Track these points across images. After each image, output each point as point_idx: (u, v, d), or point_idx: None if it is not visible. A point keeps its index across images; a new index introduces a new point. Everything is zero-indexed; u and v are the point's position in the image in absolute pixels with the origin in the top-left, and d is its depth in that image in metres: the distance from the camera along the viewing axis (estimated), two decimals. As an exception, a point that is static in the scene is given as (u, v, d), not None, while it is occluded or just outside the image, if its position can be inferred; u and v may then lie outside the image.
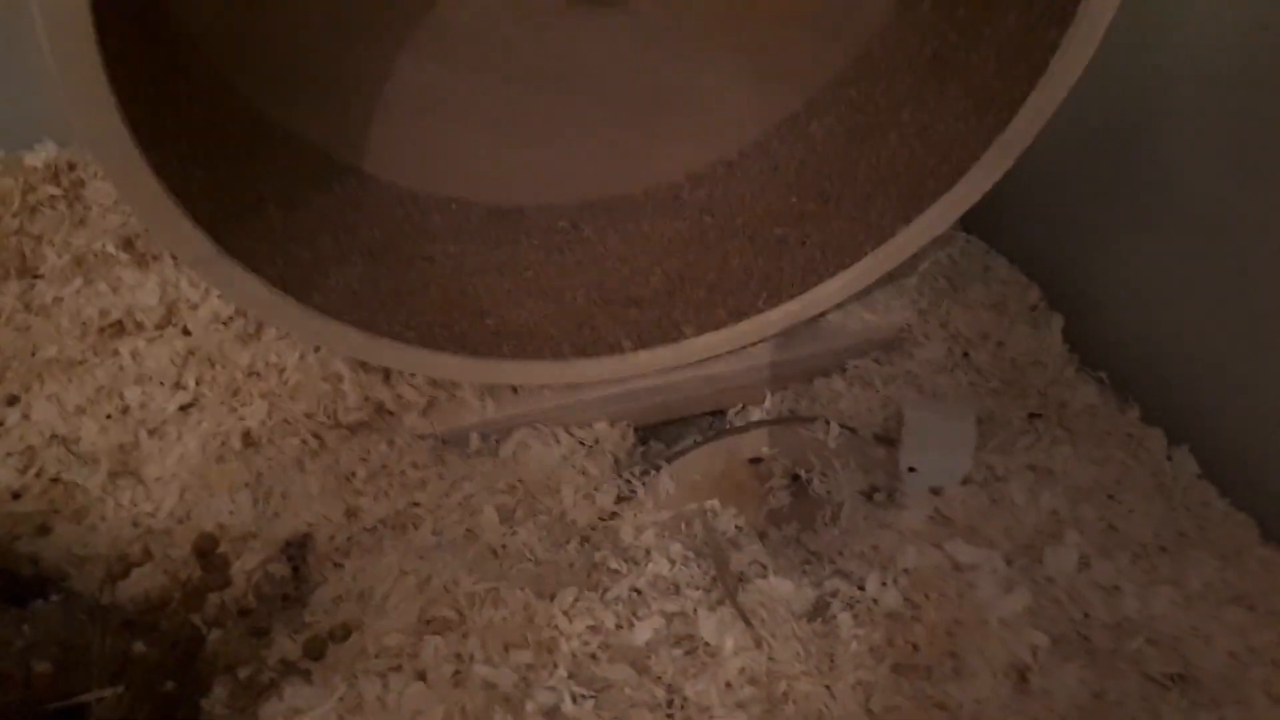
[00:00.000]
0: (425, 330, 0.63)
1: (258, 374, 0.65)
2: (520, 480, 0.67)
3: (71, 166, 0.72)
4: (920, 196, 0.65)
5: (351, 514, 0.63)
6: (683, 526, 0.65)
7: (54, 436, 0.62)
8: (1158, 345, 0.68)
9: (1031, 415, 0.69)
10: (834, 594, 0.56)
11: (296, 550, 0.59)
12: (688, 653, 0.52)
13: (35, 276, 0.69)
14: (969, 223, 0.83)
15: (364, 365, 0.67)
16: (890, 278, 0.76)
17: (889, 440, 0.69)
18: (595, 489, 0.67)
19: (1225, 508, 0.61)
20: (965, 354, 0.73)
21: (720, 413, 0.77)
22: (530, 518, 0.65)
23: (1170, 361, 0.67)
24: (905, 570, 0.56)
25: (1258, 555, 0.58)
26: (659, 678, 0.51)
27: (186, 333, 0.67)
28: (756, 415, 0.74)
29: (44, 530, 0.58)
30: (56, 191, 0.70)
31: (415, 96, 0.67)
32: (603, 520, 0.66)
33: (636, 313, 0.69)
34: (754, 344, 0.72)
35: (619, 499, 0.67)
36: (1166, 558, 0.58)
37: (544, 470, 0.68)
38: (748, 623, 0.52)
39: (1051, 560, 0.57)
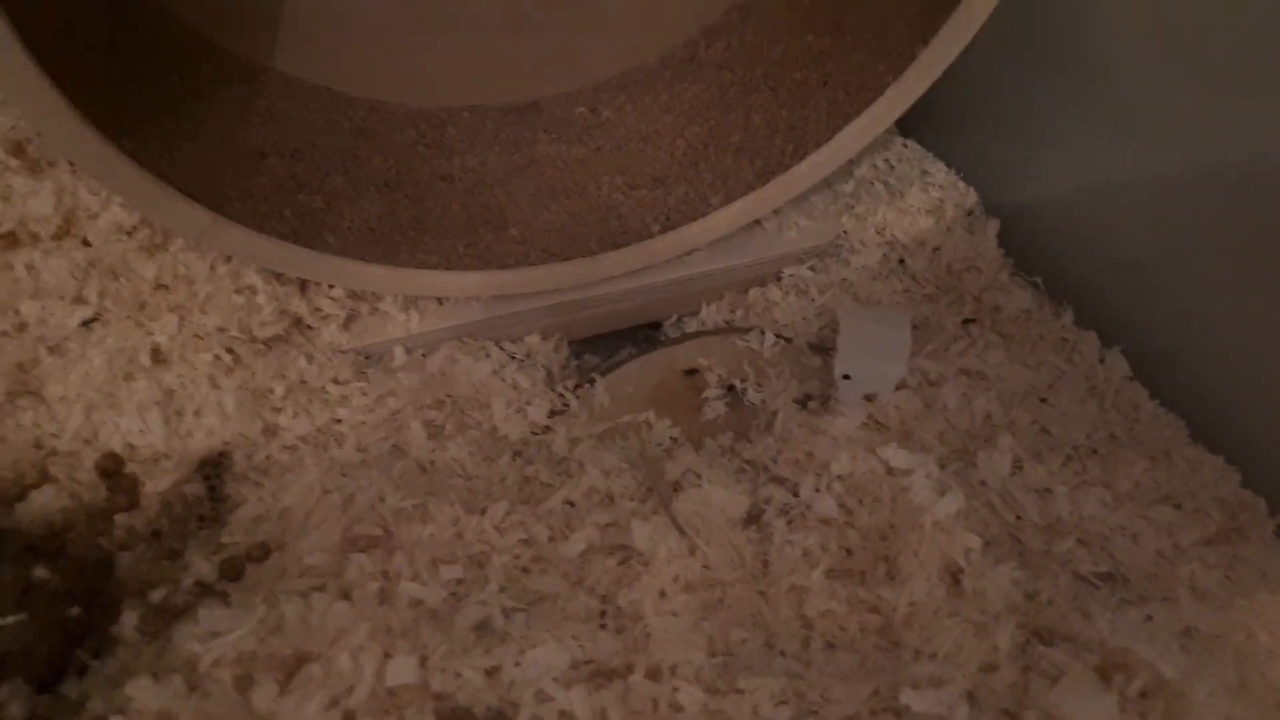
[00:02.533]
0: (450, 253, 0.62)
1: (165, 287, 0.62)
2: (449, 395, 0.65)
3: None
4: (935, 11, 0.62)
5: (270, 432, 0.60)
6: (617, 439, 0.64)
7: (-55, 356, 0.58)
8: (1092, 249, 0.67)
9: (966, 320, 0.68)
10: (768, 501, 0.56)
11: (212, 470, 0.56)
12: (621, 563, 0.51)
13: (-84, 185, 0.63)
14: (907, 127, 0.81)
15: (279, 276, 0.63)
16: (826, 183, 0.75)
17: (824, 349, 0.68)
18: (527, 403, 0.65)
19: (1155, 409, 0.62)
20: (901, 260, 0.72)
21: (656, 325, 0.75)
22: (460, 433, 0.63)
23: (1103, 265, 0.66)
24: (839, 476, 0.56)
25: (1186, 455, 0.58)
26: (592, 588, 0.50)
27: (86, 244, 0.62)
28: (693, 326, 0.73)
29: (-66, 455, 0.55)
30: (-66, 93, 0.65)
31: (408, 13, 0.64)
32: (535, 434, 0.64)
33: (663, 191, 0.67)
34: (780, 206, 0.70)
35: (552, 413, 0.66)
36: (1097, 459, 0.58)
37: (473, 384, 0.66)
38: (681, 530, 0.51)
39: (984, 464, 0.57)
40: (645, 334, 0.76)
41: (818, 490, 0.55)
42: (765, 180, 0.69)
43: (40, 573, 0.44)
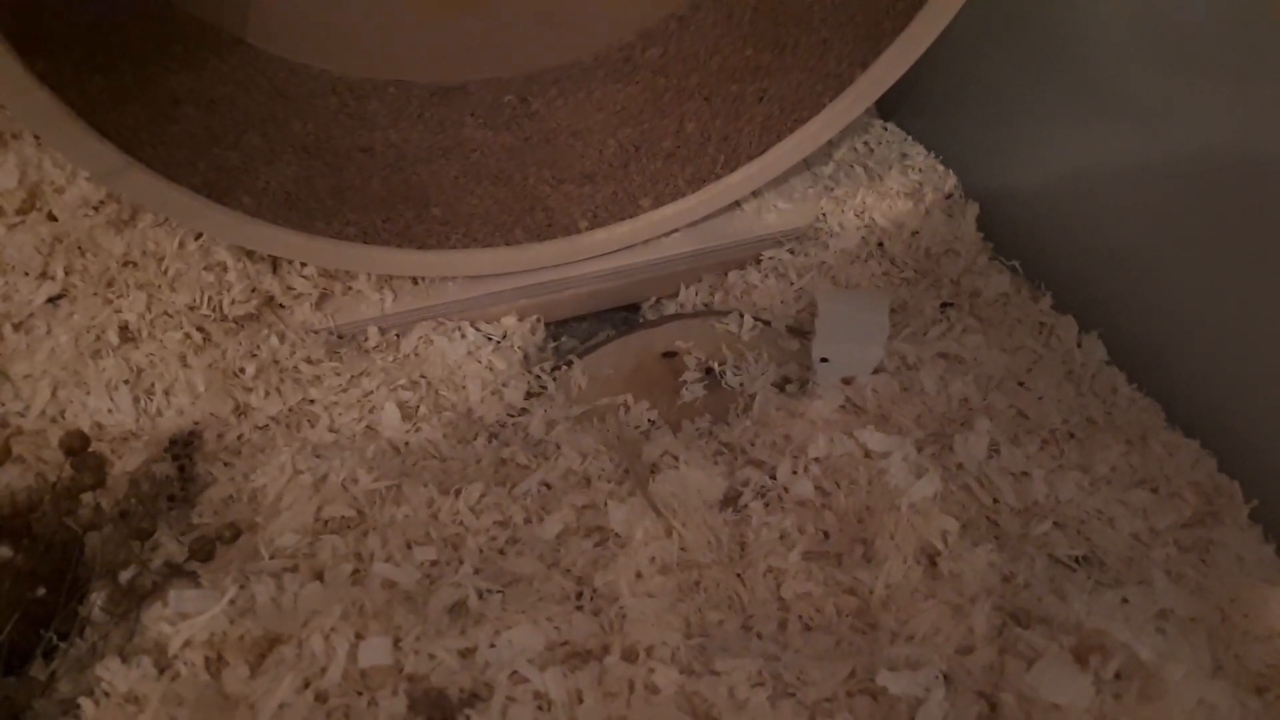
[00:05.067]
0: (368, 226, 0.60)
1: (133, 263, 0.60)
2: (423, 376, 0.64)
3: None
4: (877, 38, 0.62)
5: (241, 412, 0.59)
6: (595, 421, 0.63)
7: (-94, 332, 0.57)
8: (1071, 234, 0.67)
9: (944, 304, 0.68)
10: (745, 483, 0.55)
11: (182, 449, 0.55)
12: (597, 544, 0.51)
13: (-127, 158, 0.62)
14: (886, 109, 0.81)
15: (250, 254, 0.62)
16: (806, 165, 0.75)
17: (803, 332, 0.68)
18: (503, 385, 0.65)
19: (1132, 393, 0.62)
20: (880, 243, 0.72)
21: (634, 307, 0.75)
22: (434, 414, 0.62)
23: (1082, 250, 0.66)
24: (816, 459, 0.55)
25: (1162, 439, 0.59)
26: (568, 570, 0.49)
27: (52, 218, 0.61)
28: (671, 309, 0.72)
29: (-104, 432, 0.54)
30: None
31: None
32: (512, 416, 0.64)
33: (591, 188, 0.66)
34: (710, 214, 0.70)
35: (529, 395, 0.65)
36: (1074, 443, 0.58)
37: (448, 366, 0.65)
38: (658, 512, 0.51)
39: (961, 447, 0.57)
40: (623, 316, 0.75)
41: (795, 473, 0.55)
42: (696, 188, 0.69)
43: (3, 551, 0.43)
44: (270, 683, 0.42)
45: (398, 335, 0.66)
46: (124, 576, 0.45)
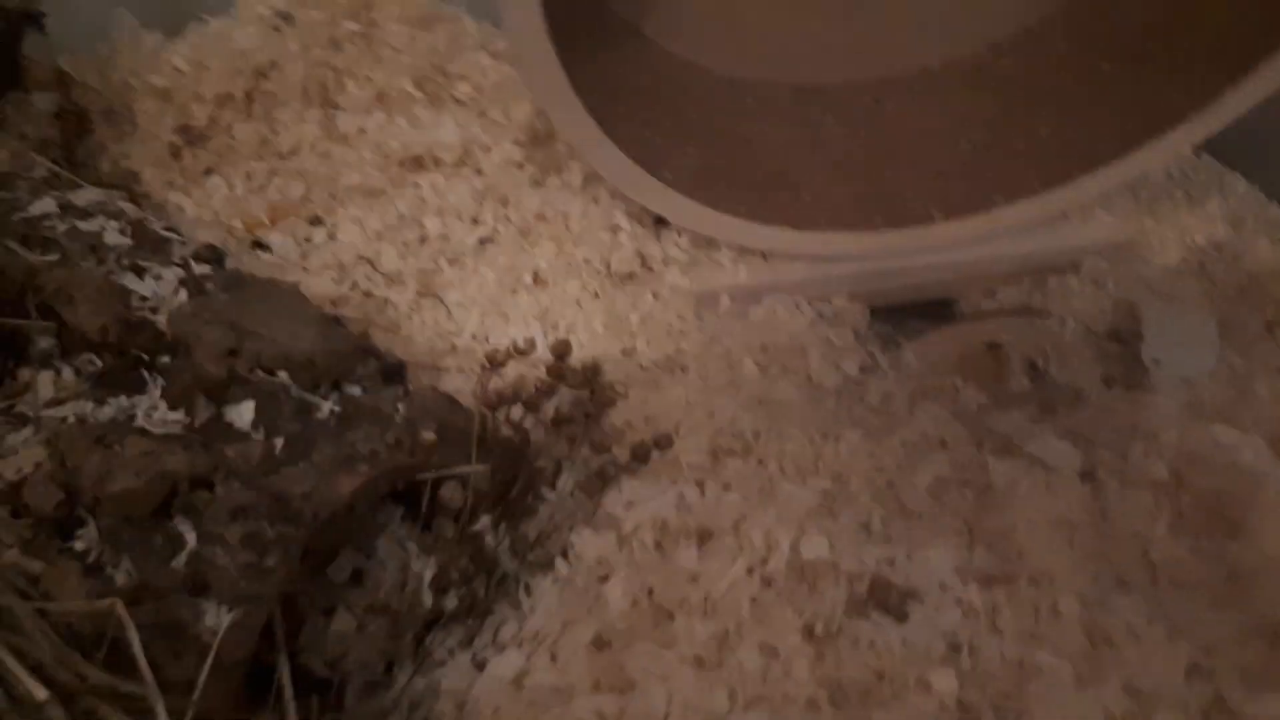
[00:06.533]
0: (754, 205, 0.68)
1: (545, 218, 0.70)
2: (770, 342, 0.71)
3: (369, 5, 0.76)
4: (1248, 55, 0.63)
5: (628, 353, 0.67)
6: (930, 397, 0.69)
7: (360, 257, 0.67)
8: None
9: (1270, 324, 0.71)
10: (1098, 463, 0.60)
11: (591, 376, 0.63)
12: (977, 495, 0.56)
13: (336, 108, 0.73)
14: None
15: (640, 220, 0.71)
16: (1126, 185, 0.79)
17: (1121, 339, 0.72)
18: (840, 357, 0.71)
19: None
20: (1200, 263, 0.75)
21: (945, 303, 0.80)
22: (784, 375, 0.69)
23: None
24: (1169, 445, 0.59)
25: None
26: (955, 512, 0.55)
27: (480, 173, 0.71)
28: (989, 306, 0.77)
29: (364, 338, 0.63)
30: (356, 28, 0.74)
31: None
32: (848, 387, 0.70)
33: (943, 184, 0.72)
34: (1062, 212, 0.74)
35: (862, 369, 0.71)
36: None
37: (790, 334, 0.72)
38: (1045, 467, 0.56)
39: (1306, 451, 0.60)
40: (934, 310, 0.81)
41: (1147, 456, 0.59)
42: (1049, 187, 0.73)
43: (505, 430, 0.51)
44: (720, 564, 0.49)
45: (744, 305, 0.74)
46: (596, 462, 0.53)
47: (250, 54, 0.72)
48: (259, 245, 0.67)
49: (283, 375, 0.50)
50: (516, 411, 0.55)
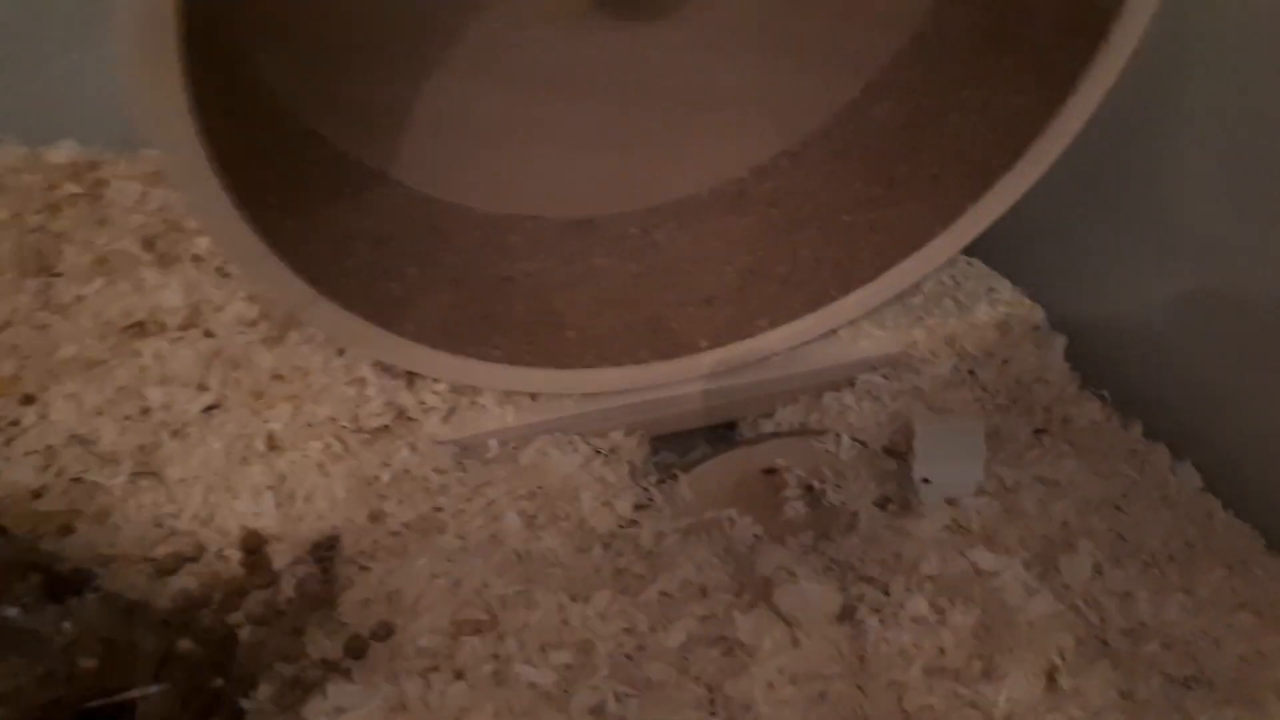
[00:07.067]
0: (512, 349, 0.66)
1: (282, 377, 0.65)
2: (540, 487, 0.68)
3: (93, 165, 0.72)
4: (987, 174, 0.66)
5: (376, 518, 0.63)
6: (703, 534, 0.66)
7: (73, 437, 0.62)
8: (1158, 365, 0.70)
9: (1037, 431, 0.71)
10: (860, 599, 0.57)
11: (325, 552, 0.59)
12: (724, 653, 0.53)
13: (54, 275, 0.68)
14: (970, 246, 0.85)
15: (388, 371, 0.67)
16: (897, 297, 0.79)
17: (898, 453, 0.71)
18: (614, 496, 0.68)
19: (1229, 519, 0.64)
20: (971, 371, 0.75)
21: (731, 425, 0.78)
22: (552, 523, 0.65)
23: (1171, 380, 0.69)
24: (929, 576, 0.57)
25: (1263, 564, 0.60)
26: (698, 678, 0.52)
27: (209, 334, 0.66)
28: (768, 428, 0.76)
29: (67, 530, 0.57)
30: (78, 190, 0.70)
31: (487, 122, 0.69)
32: (622, 527, 0.67)
33: (711, 311, 0.71)
34: (830, 331, 0.75)
35: (637, 506, 0.68)
36: (1175, 566, 0.60)
37: (562, 477, 0.68)
38: (787, 623, 0.53)
39: (1067, 568, 0.59)
40: (720, 433, 0.79)
41: (908, 589, 0.57)
42: (812, 309, 0.73)
43: (184, 644, 0.46)
44: (429, 777, 0.44)
45: (515, 448, 0.70)
46: (289, 671, 0.48)
47: (-46, 223, 0.66)
48: (-45, 433, 0.61)
49: (-82, 605, 0.44)
50: (207, 617, 0.50)
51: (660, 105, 0.72)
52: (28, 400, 0.63)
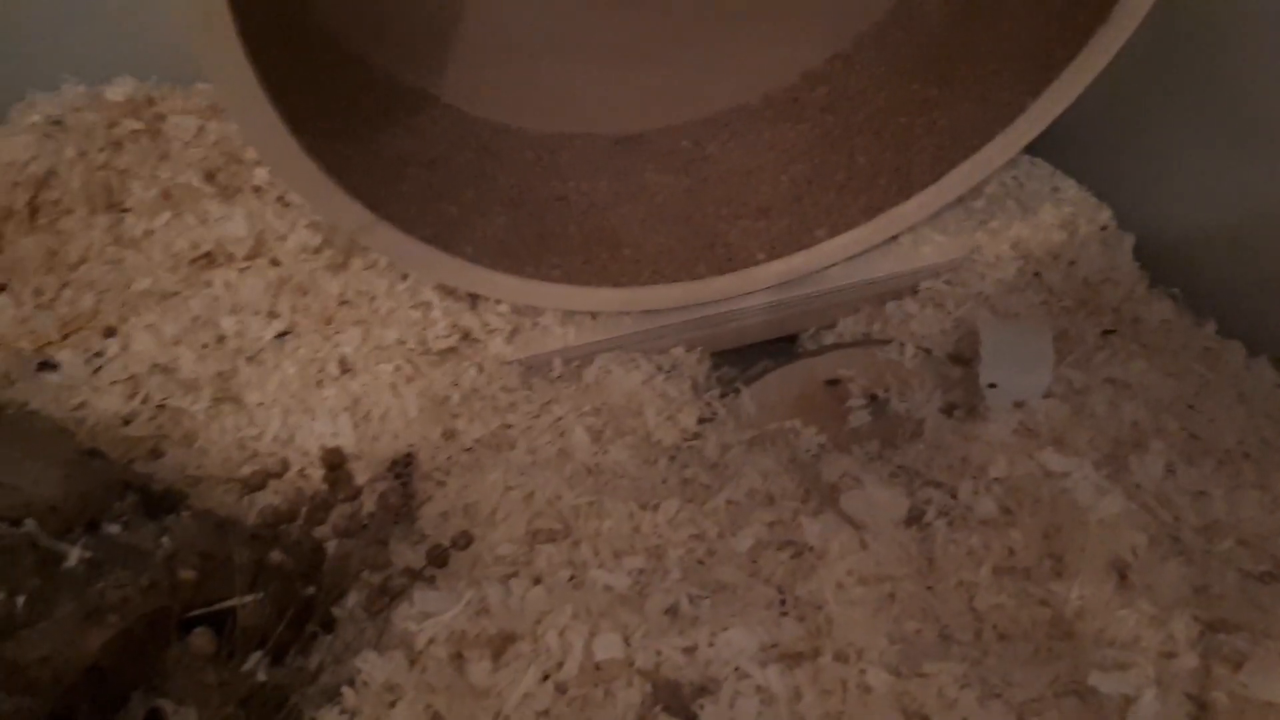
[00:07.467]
0: (569, 268, 0.66)
1: (349, 302, 0.66)
2: (604, 403, 0.69)
3: (151, 101, 0.73)
4: (1048, 66, 0.64)
5: (449, 435, 0.64)
6: (767, 444, 0.67)
7: (155, 365, 0.64)
8: (1232, 261, 0.69)
9: (1106, 332, 0.70)
10: (928, 503, 0.58)
11: (402, 469, 0.60)
12: (793, 556, 0.54)
13: (123, 210, 0.69)
14: (1033, 145, 0.83)
15: (451, 293, 0.68)
16: (959, 200, 0.77)
17: (964, 360, 0.70)
18: (677, 411, 0.68)
19: (1306, 414, 0.63)
20: (1036, 274, 0.74)
21: (791, 338, 0.78)
22: (618, 438, 0.66)
23: (1246, 276, 0.68)
24: (997, 479, 0.58)
25: (1341, 458, 0.59)
26: (768, 580, 0.53)
27: (275, 263, 0.68)
28: (830, 339, 0.76)
29: (156, 453, 0.60)
30: (138, 126, 0.71)
31: (531, 40, 0.68)
32: (687, 440, 0.67)
33: (766, 223, 0.71)
34: (890, 239, 0.73)
35: (701, 420, 0.69)
36: (1250, 463, 0.59)
37: (626, 393, 0.69)
38: (855, 526, 0.54)
39: (1138, 467, 0.58)
40: (781, 347, 0.79)
41: (976, 492, 0.57)
42: (871, 216, 0.72)
43: (275, 556, 0.48)
44: (513, 675, 0.46)
45: (578, 366, 0.71)
46: (376, 579, 0.50)
47: (26, 164, 0.68)
48: (46, 366, 0.63)
49: (30, 524, 0.46)
50: (294, 531, 0.52)
51: (705, 13, 0.71)
52: (109, 332, 0.65)
